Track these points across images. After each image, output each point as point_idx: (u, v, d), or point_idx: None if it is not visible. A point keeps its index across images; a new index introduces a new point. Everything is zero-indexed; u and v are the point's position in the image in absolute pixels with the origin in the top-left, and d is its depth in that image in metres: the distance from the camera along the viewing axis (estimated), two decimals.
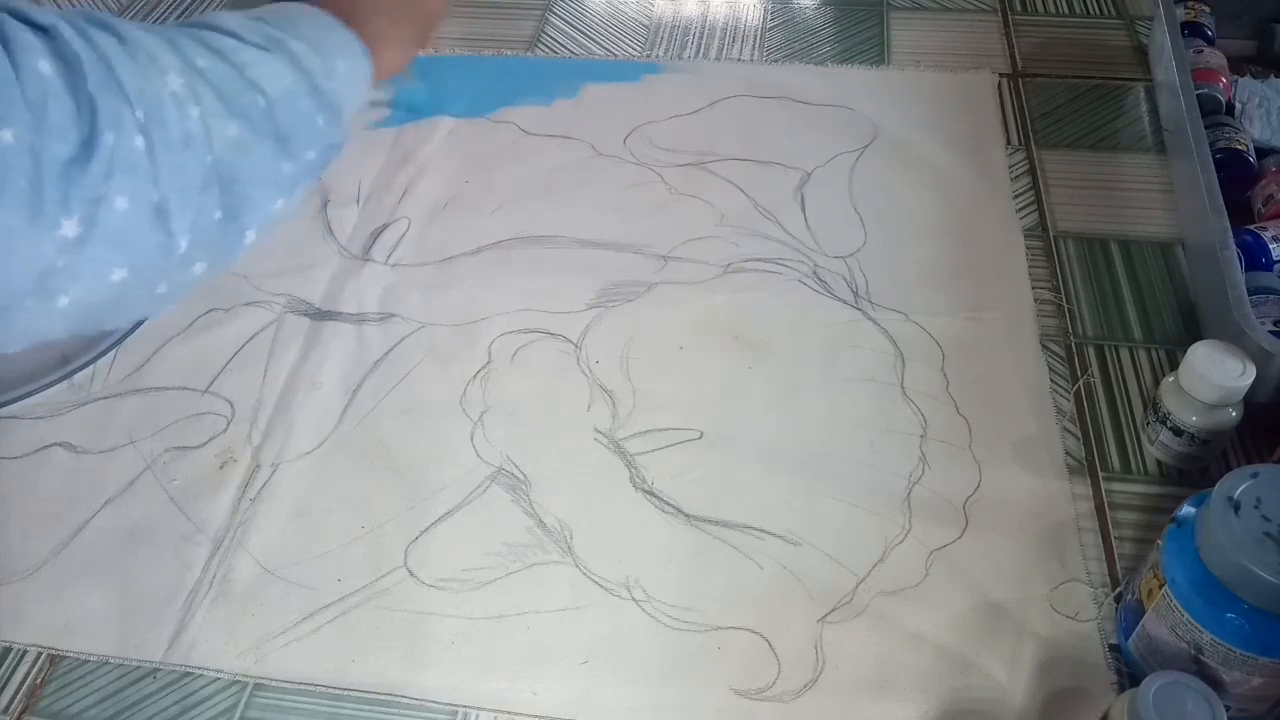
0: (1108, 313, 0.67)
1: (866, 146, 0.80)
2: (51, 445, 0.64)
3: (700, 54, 0.90)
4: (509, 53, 0.91)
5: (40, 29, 0.33)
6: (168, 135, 0.36)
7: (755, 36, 0.92)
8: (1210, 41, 0.83)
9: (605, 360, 0.66)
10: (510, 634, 0.54)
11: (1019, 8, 0.93)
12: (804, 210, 0.75)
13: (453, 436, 0.62)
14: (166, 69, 0.37)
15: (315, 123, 0.43)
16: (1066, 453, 0.60)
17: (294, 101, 0.42)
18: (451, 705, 0.52)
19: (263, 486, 0.61)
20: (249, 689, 0.53)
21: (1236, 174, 0.71)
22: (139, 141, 0.35)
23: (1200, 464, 0.58)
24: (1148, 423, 0.59)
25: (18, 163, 0.32)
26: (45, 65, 0.33)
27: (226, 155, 0.38)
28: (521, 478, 0.60)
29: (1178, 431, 0.57)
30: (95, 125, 0.34)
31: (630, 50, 0.91)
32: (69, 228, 0.33)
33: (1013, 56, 0.88)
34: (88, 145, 0.33)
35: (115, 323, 0.39)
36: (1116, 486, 0.58)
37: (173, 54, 0.37)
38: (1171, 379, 0.57)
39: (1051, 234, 0.72)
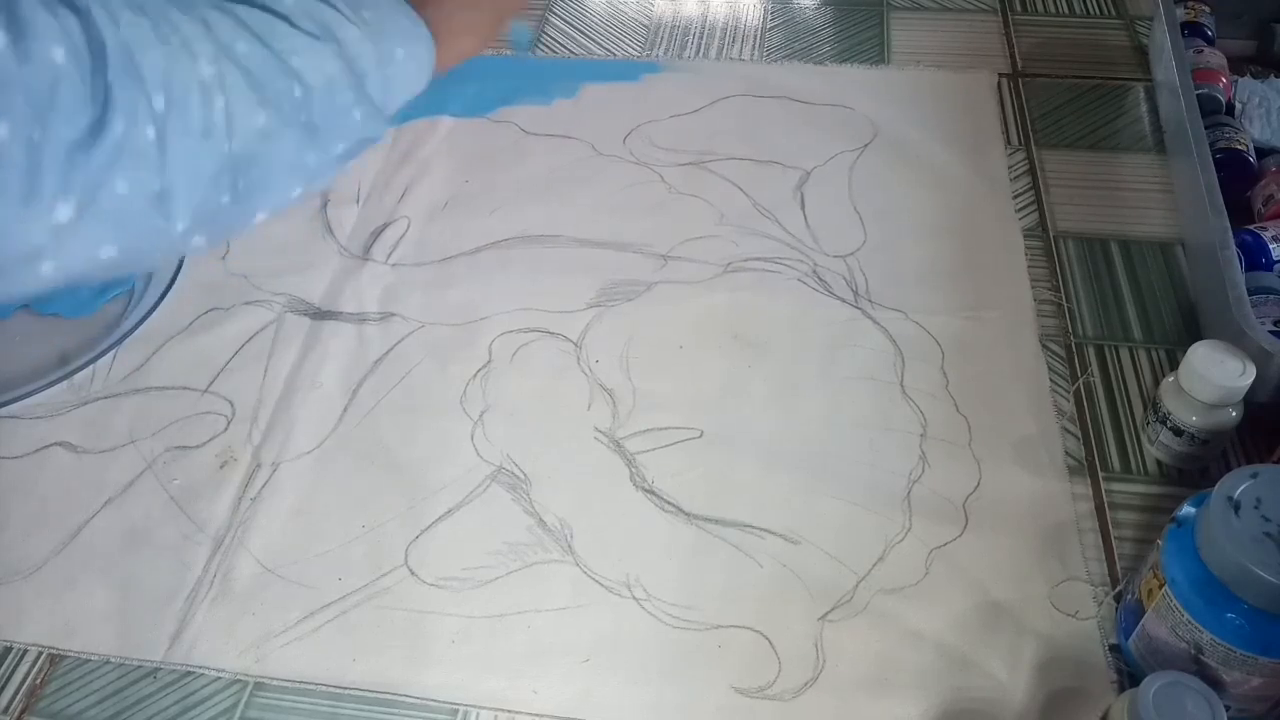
0: (1108, 313, 0.67)
1: (866, 146, 0.80)
2: (51, 445, 0.64)
3: (700, 54, 0.90)
4: (509, 53, 0.91)
5: (74, 9, 0.33)
6: (187, 124, 0.36)
7: (755, 36, 0.92)
8: (1210, 41, 0.83)
9: (605, 359, 0.66)
10: (511, 633, 0.54)
11: (1019, 8, 0.93)
12: (803, 209, 0.75)
13: (453, 436, 0.62)
14: (199, 55, 0.36)
15: (352, 116, 0.42)
16: (1066, 452, 0.60)
17: (333, 93, 0.41)
18: (452, 704, 0.52)
19: (263, 486, 0.61)
20: (249, 688, 0.53)
21: (1236, 174, 0.71)
22: (150, 131, 0.35)
23: (1200, 464, 0.58)
24: (1148, 423, 0.59)
25: (11, 156, 0.32)
26: (59, 51, 0.32)
27: (248, 143, 0.38)
28: (522, 477, 0.60)
29: (1178, 431, 0.57)
30: (107, 112, 0.34)
31: (630, 50, 0.91)
32: (63, 211, 0.33)
33: (1013, 56, 0.88)
34: (95, 130, 0.33)
35: (103, 280, 0.39)
36: (1116, 486, 0.58)
37: (209, 40, 0.37)
38: (1171, 379, 0.57)
39: (1051, 234, 0.73)
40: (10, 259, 0.34)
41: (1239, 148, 0.73)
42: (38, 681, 0.54)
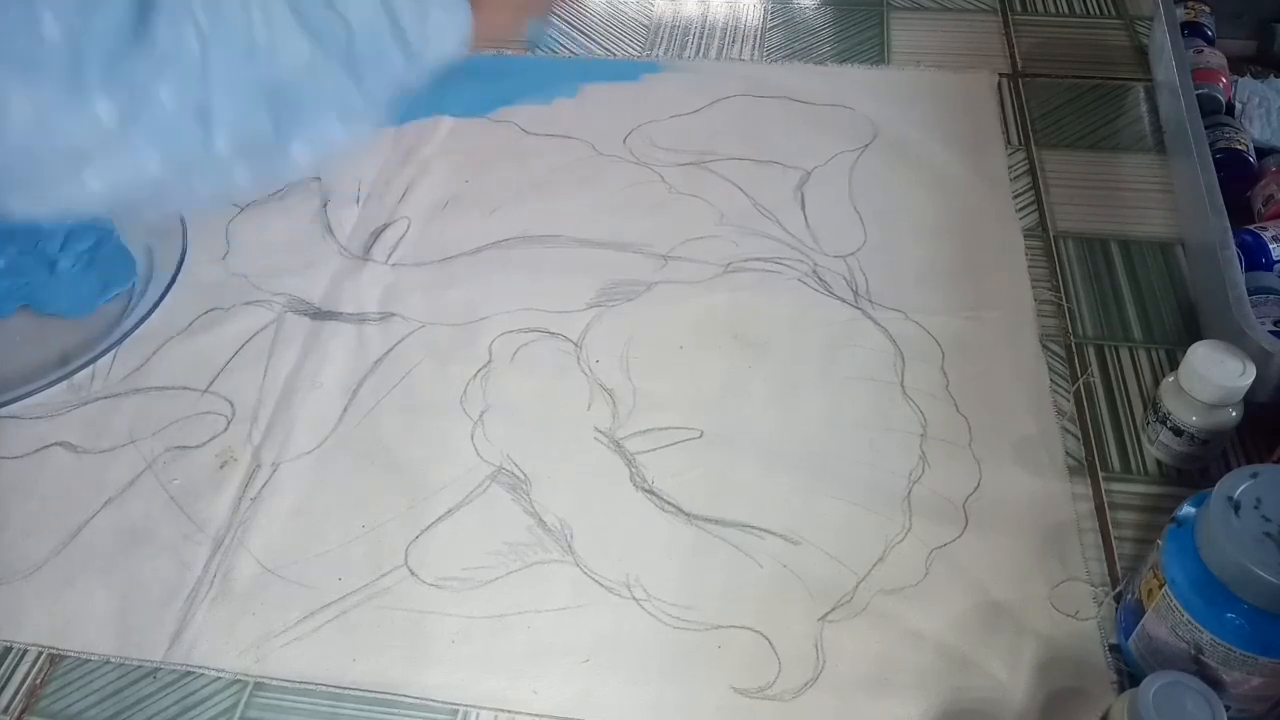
0: (1108, 313, 0.67)
1: (866, 146, 0.80)
2: (51, 445, 0.64)
3: (700, 54, 0.90)
4: (509, 53, 0.91)
5: None
6: (230, 39, 0.37)
7: (755, 36, 0.92)
8: (1210, 41, 0.83)
9: (605, 359, 0.66)
10: (511, 633, 0.54)
11: (1019, 8, 0.93)
12: (804, 209, 0.75)
13: (453, 436, 0.62)
14: None
15: (392, 60, 0.43)
16: (1066, 452, 0.60)
17: (374, 35, 0.42)
18: (452, 704, 0.52)
19: (263, 486, 0.61)
20: (249, 688, 0.53)
21: (1236, 174, 0.71)
22: (194, 43, 0.35)
23: (1200, 464, 0.58)
24: (1148, 423, 0.59)
25: (56, 43, 0.32)
26: None
27: (290, 73, 0.39)
28: (522, 477, 0.60)
29: (1178, 431, 0.57)
30: (150, 21, 0.34)
31: (630, 50, 0.91)
32: (106, 111, 0.34)
33: (1013, 56, 0.88)
34: (138, 37, 0.34)
35: (152, 214, 0.40)
36: (1116, 486, 0.58)
37: None
38: (1171, 379, 0.57)
39: (1051, 234, 0.73)
40: (52, 157, 0.34)
41: (1239, 148, 0.73)
42: (38, 681, 0.54)
